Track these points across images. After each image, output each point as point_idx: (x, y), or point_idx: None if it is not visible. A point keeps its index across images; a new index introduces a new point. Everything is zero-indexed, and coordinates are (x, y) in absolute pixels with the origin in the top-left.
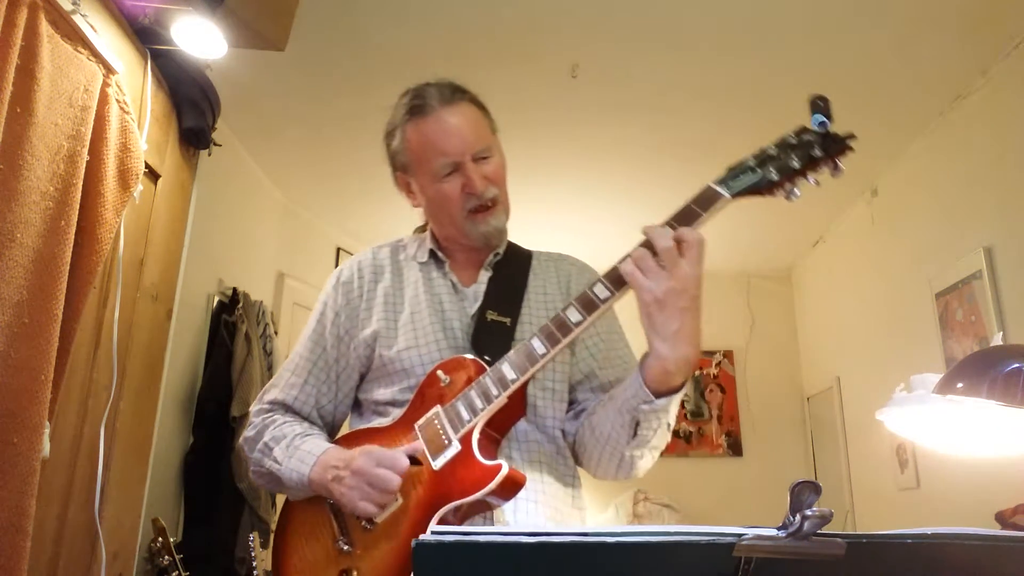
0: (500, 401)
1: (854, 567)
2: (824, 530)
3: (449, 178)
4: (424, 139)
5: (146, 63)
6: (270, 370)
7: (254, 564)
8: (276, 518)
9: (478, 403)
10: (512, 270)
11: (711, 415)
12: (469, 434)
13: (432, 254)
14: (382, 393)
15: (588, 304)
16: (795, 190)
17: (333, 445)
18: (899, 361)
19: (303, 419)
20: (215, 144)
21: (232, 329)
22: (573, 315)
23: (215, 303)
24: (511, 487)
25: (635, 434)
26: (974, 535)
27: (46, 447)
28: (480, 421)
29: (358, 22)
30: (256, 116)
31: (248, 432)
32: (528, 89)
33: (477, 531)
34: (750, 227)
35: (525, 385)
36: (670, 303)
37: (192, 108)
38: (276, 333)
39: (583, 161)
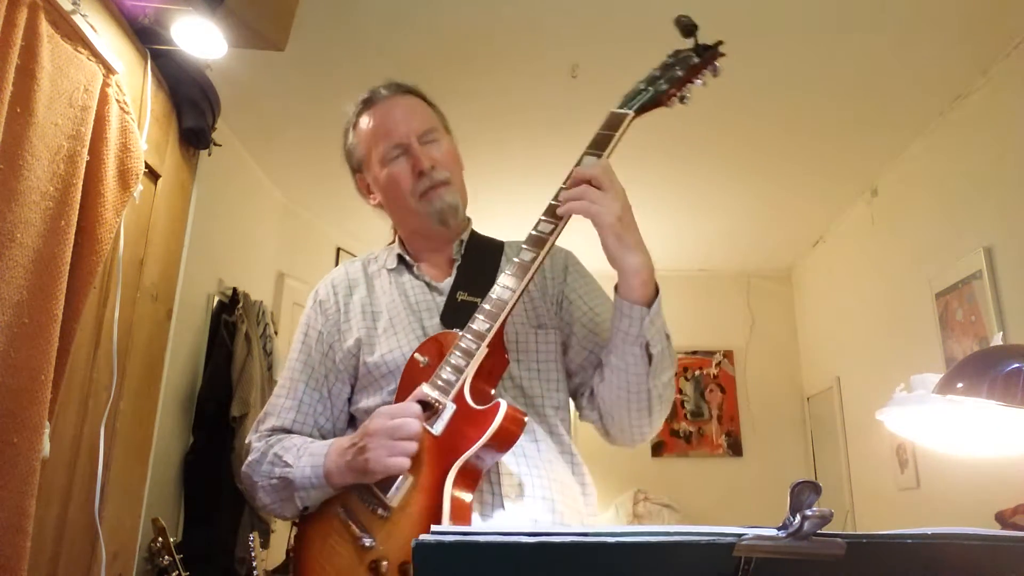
0: (481, 352)
1: (854, 567)
2: (824, 530)
3: (397, 160)
4: (372, 127)
5: (146, 63)
6: (270, 370)
7: (254, 564)
8: (276, 522)
9: (461, 362)
10: (482, 254)
11: (711, 415)
12: (460, 391)
13: (400, 259)
14: (371, 401)
15: (537, 241)
16: (686, 95)
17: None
18: (899, 361)
19: (308, 437)
20: (215, 144)
21: (232, 329)
22: (526, 255)
23: (215, 303)
24: (513, 424)
25: (651, 358)
26: (974, 535)
27: (46, 447)
28: (468, 376)
29: (358, 22)
30: (256, 116)
31: (251, 457)
32: (528, 89)
33: (477, 531)
34: (750, 227)
35: (501, 333)
36: (626, 218)
37: (192, 108)
38: (276, 333)
39: None
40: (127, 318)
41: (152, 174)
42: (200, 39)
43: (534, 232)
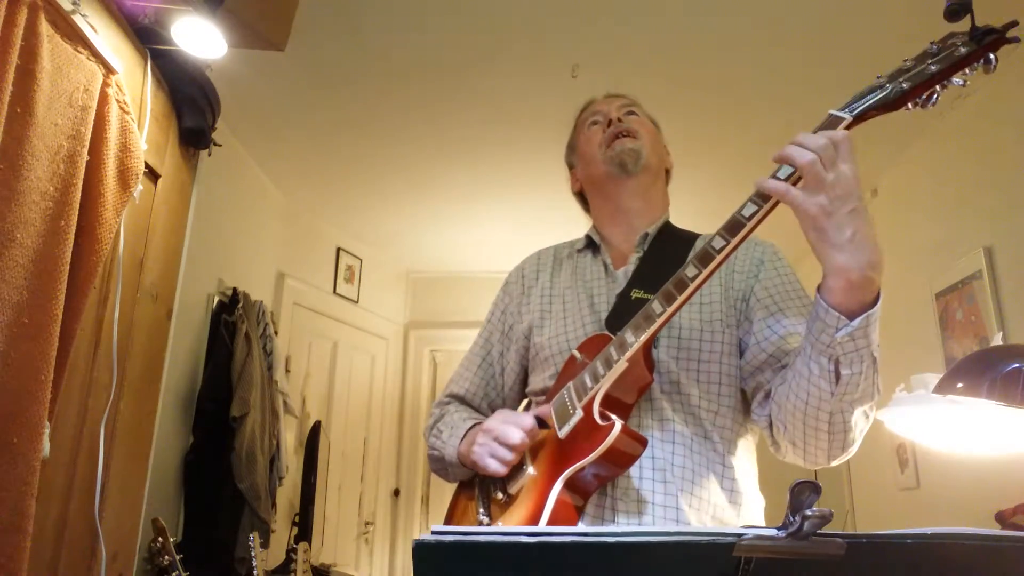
0: (620, 366)
1: (854, 567)
2: (824, 530)
3: (595, 126)
4: (583, 116)
5: (146, 63)
6: (270, 370)
7: (254, 564)
8: (276, 517)
9: (600, 370)
10: (667, 248)
11: None
12: (591, 401)
13: (589, 240)
14: (536, 381)
15: (704, 256)
16: (934, 96)
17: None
18: (899, 361)
19: (475, 410)
20: (215, 144)
21: (232, 329)
22: (690, 271)
23: (215, 303)
24: (626, 450)
25: (838, 377)
26: (974, 535)
27: (46, 447)
28: (602, 387)
29: (358, 22)
30: (256, 116)
31: (427, 423)
32: (528, 89)
33: (477, 531)
34: None
35: (648, 348)
36: (839, 209)
37: (192, 108)
38: (276, 333)
39: None
40: (127, 318)
41: (152, 174)
42: (200, 39)
43: (707, 245)
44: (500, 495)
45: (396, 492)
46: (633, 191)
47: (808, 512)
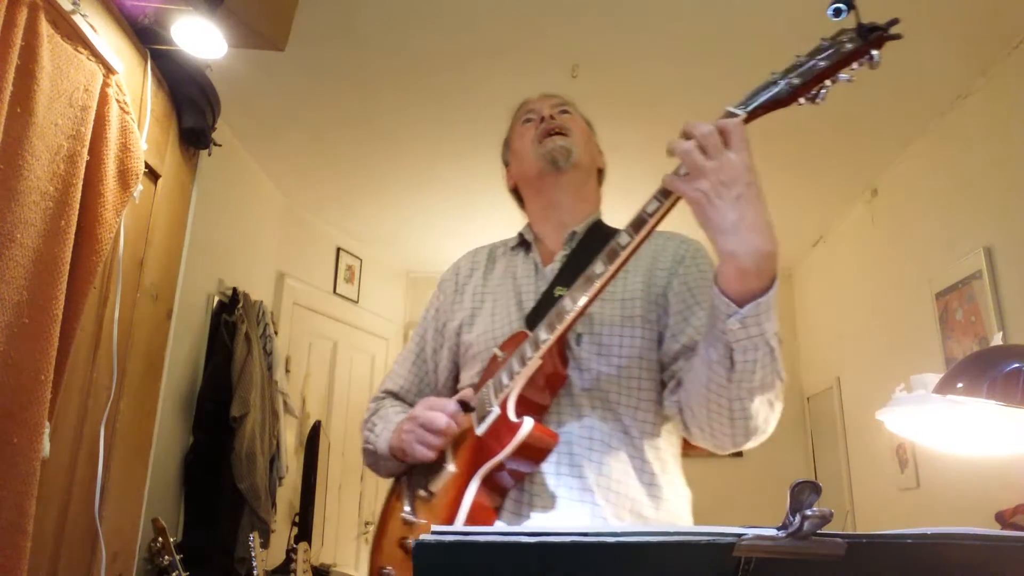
0: (533, 363)
1: (854, 567)
2: (824, 530)
3: (528, 124)
4: (517, 112)
5: (146, 63)
6: (270, 370)
7: (254, 564)
8: (276, 517)
9: (515, 367)
10: (594, 246)
11: None
12: (506, 398)
13: (521, 238)
14: (466, 379)
15: (611, 253)
16: (821, 93)
17: None
18: (899, 361)
19: (409, 406)
20: (215, 144)
21: (232, 329)
22: (598, 267)
23: (215, 303)
24: (538, 445)
25: (732, 364)
26: (974, 535)
27: (46, 447)
28: (516, 385)
29: (358, 22)
30: (256, 116)
31: (364, 417)
32: (528, 89)
33: (477, 531)
34: None
35: (562, 345)
36: (723, 194)
37: (192, 108)
38: (276, 333)
39: None
40: (127, 318)
41: (152, 174)
42: (200, 39)
43: (613, 242)
44: (423, 492)
45: None
46: (564, 187)
47: (808, 512)
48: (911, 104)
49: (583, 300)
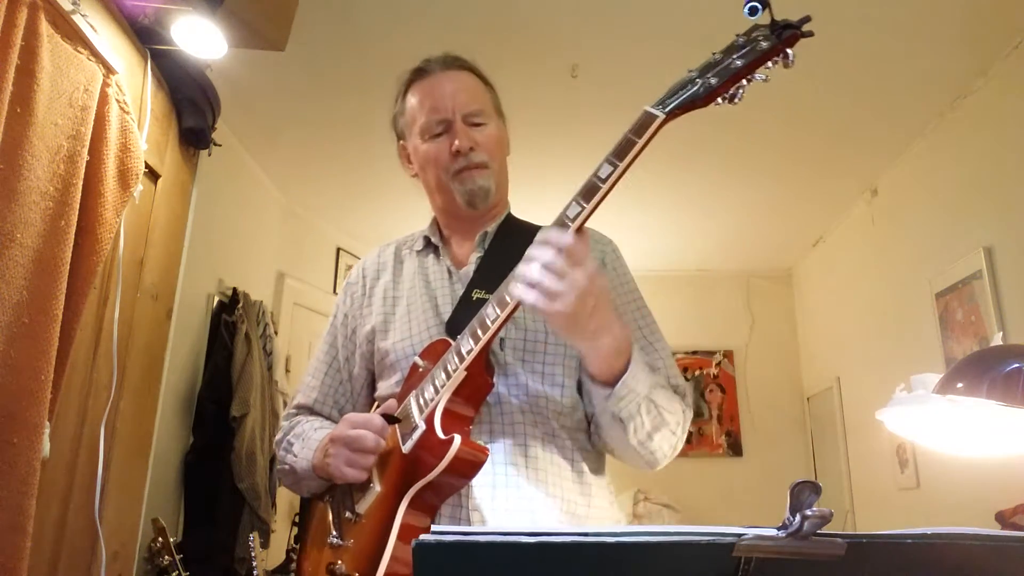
0: (459, 375)
1: (854, 567)
2: (824, 530)
3: (438, 138)
4: (419, 98)
5: (146, 63)
6: (270, 370)
7: (254, 564)
8: (276, 517)
9: (439, 380)
10: (507, 245)
11: (711, 415)
12: (432, 413)
13: (427, 241)
14: (384, 388)
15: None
16: (738, 93)
17: None
18: (899, 361)
19: (325, 419)
20: (215, 144)
21: (232, 329)
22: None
23: (215, 303)
24: (469, 461)
25: (624, 424)
26: (974, 535)
27: (46, 447)
28: (442, 399)
29: (358, 22)
30: (256, 116)
31: (277, 437)
32: (528, 89)
33: (477, 531)
34: (750, 227)
35: (486, 353)
36: (580, 310)
37: (192, 108)
38: (276, 333)
39: (583, 161)
40: (127, 318)
41: (152, 174)
42: (200, 39)
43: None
44: (349, 514)
45: None
46: (478, 215)
47: (808, 512)
48: (911, 104)
49: (505, 310)
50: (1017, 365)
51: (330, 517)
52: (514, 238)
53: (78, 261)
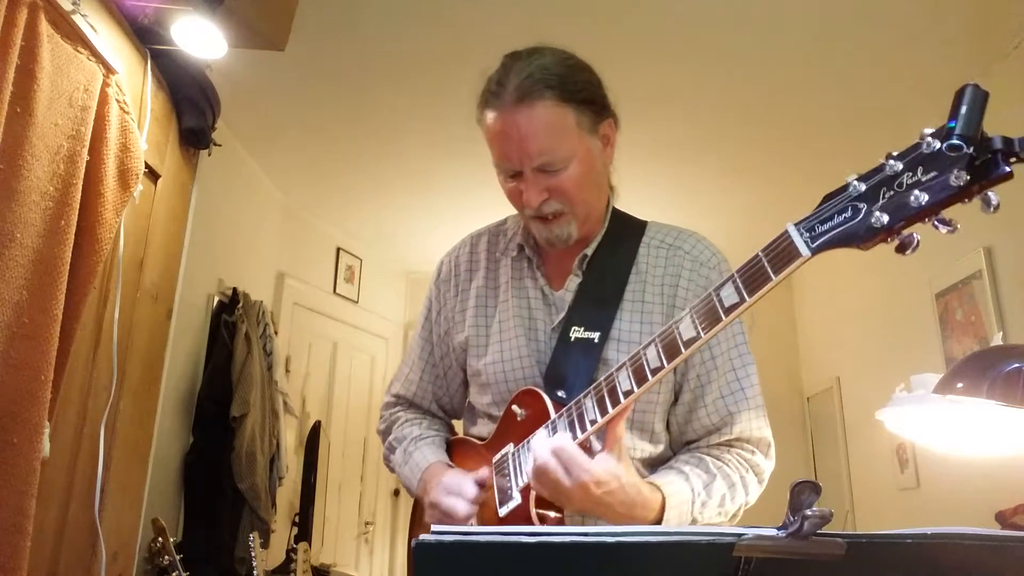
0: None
1: (854, 567)
2: (824, 530)
3: (512, 179)
4: (489, 134)
5: (146, 63)
6: (270, 370)
7: (254, 564)
8: (276, 517)
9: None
10: (607, 272)
11: None
12: (528, 488)
13: (521, 249)
14: (478, 400)
15: (670, 348)
16: (914, 241)
17: (436, 461)
18: (899, 361)
19: (424, 412)
20: (215, 144)
21: (232, 329)
22: (651, 353)
23: (215, 303)
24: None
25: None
26: (974, 535)
27: (46, 447)
28: None
29: (358, 22)
30: (256, 116)
31: (379, 425)
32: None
33: (477, 531)
34: (750, 227)
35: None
36: (591, 508)
37: (192, 108)
38: (276, 333)
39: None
40: (127, 318)
41: (152, 174)
42: (200, 39)
43: (641, 353)
44: None
45: (396, 492)
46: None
47: (808, 512)
48: (911, 104)
49: (631, 398)
50: (1017, 365)
51: None
52: (614, 260)
53: (78, 261)
